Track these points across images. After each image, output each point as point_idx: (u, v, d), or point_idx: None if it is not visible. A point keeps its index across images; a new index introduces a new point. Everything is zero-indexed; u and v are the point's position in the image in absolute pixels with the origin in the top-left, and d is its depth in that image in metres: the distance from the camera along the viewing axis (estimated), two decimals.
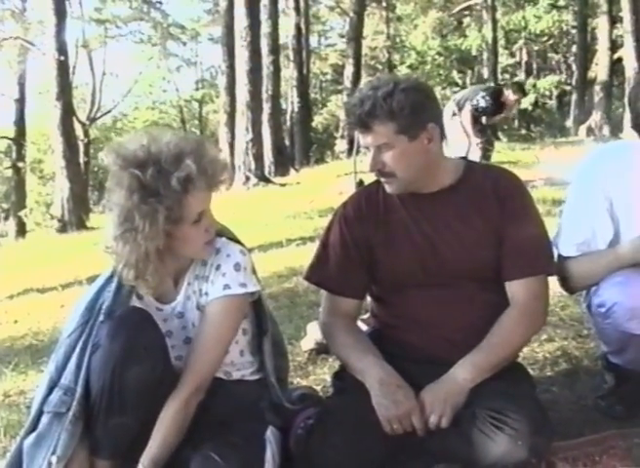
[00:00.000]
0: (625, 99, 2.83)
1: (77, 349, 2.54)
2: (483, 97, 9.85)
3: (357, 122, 2.64)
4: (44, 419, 2.51)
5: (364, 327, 3.11)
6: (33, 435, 2.50)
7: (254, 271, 2.64)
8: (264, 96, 19.00)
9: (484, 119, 10.02)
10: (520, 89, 10.54)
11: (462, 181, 2.78)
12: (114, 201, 2.41)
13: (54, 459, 2.41)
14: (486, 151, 9.90)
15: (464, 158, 3.06)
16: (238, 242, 2.67)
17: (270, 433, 2.59)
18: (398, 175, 2.68)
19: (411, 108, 2.59)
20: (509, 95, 10.05)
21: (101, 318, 2.56)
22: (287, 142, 28.24)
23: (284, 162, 20.89)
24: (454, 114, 9.72)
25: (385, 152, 2.65)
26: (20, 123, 30.45)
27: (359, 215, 2.83)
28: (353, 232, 2.82)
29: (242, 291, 2.56)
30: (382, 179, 2.74)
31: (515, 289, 2.70)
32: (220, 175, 2.52)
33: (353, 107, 2.63)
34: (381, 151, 2.65)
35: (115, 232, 2.41)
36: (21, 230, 24.49)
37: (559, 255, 2.83)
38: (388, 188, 2.75)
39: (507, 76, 36.76)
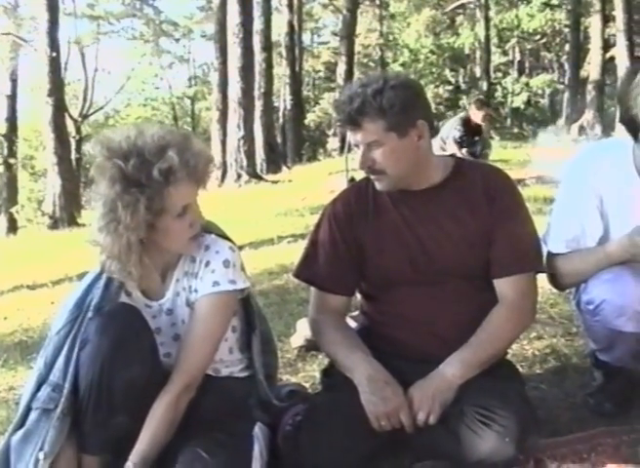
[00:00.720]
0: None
1: (66, 346, 2.53)
2: (455, 129, 10.44)
3: (347, 120, 2.64)
4: (32, 416, 2.50)
5: (353, 324, 3.11)
6: (21, 431, 2.49)
7: (242, 268, 2.64)
8: (257, 93, 18.99)
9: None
10: (484, 104, 10.99)
11: (452, 178, 2.78)
12: (98, 191, 2.42)
13: (41, 455, 2.40)
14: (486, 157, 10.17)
15: (453, 155, 3.05)
16: (227, 238, 2.66)
17: (258, 429, 2.58)
18: (388, 172, 2.67)
19: (401, 105, 2.59)
20: (475, 114, 10.53)
21: (90, 314, 2.55)
22: (279, 140, 28.22)
23: (276, 159, 20.87)
24: (443, 149, 10.07)
25: (375, 149, 2.64)
26: (12, 119, 30.35)
27: (349, 213, 2.83)
28: (343, 230, 2.81)
29: (231, 287, 2.55)
30: (372, 177, 2.74)
31: (504, 286, 2.70)
32: (203, 169, 2.51)
33: (343, 105, 2.62)
34: (371, 149, 2.64)
35: (100, 223, 2.42)
36: (13, 227, 24.43)
37: (548, 252, 2.83)
38: (378, 185, 2.74)
39: (500, 74, 36.80)
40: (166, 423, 2.44)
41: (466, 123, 10.49)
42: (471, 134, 10.39)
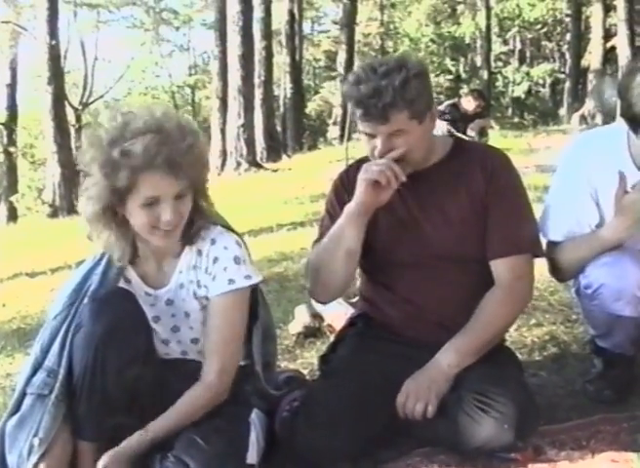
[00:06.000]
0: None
1: (62, 331, 2.52)
2: (445, 107, 10.62)
3: (377, 114, 2.53)
4: (27, 401, 2.48)
5: (351, 310, 3.10)
6: (16, 417, 2.47)
7: (250, 260, 2.61)
8: (257, 81, 18.95)
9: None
10: (480, 95, 11.09)
11: (451, 158, 2.76)
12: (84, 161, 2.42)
13: (36, 441, 2.38)
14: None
15: (452, 135, 3.02)
16: (232, 230, 2.63)
17: (255, 416, 2.56)
18: (408, 158, 2.61)
19: (425, 94, 2.59)
20: (468, 102, 10.67)
21: (87, 300, 2.53)
22: (279, 128, 28.18)
23: (276, 148, 20.83)
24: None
25: (396, 139, 2.58)
26: (12, 108, 30.29)
27: (341, 191, 2.83)
28: (338, 203, 2.81)
29: (247, 283, 2.54)
30: None
31: (499, 268, 2.66)
32: (187, 166, 2.38)
33: (369, 99, 2.51)
34: (392, 138, 2.58)
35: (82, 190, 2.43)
36: (13, 215, 24.41)
37: (547, 242, 2.82)
38: None
39: (500, 64, 36.80)
40: (189, 421, 2.44)
41: (455, 107, 10.63)
42: (459, 119, 10.45)
